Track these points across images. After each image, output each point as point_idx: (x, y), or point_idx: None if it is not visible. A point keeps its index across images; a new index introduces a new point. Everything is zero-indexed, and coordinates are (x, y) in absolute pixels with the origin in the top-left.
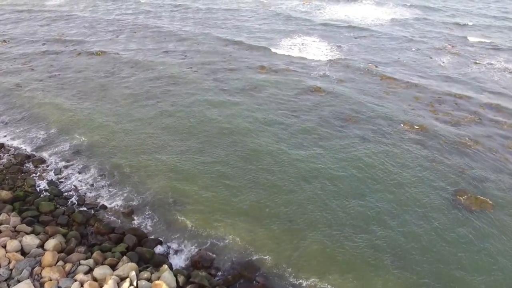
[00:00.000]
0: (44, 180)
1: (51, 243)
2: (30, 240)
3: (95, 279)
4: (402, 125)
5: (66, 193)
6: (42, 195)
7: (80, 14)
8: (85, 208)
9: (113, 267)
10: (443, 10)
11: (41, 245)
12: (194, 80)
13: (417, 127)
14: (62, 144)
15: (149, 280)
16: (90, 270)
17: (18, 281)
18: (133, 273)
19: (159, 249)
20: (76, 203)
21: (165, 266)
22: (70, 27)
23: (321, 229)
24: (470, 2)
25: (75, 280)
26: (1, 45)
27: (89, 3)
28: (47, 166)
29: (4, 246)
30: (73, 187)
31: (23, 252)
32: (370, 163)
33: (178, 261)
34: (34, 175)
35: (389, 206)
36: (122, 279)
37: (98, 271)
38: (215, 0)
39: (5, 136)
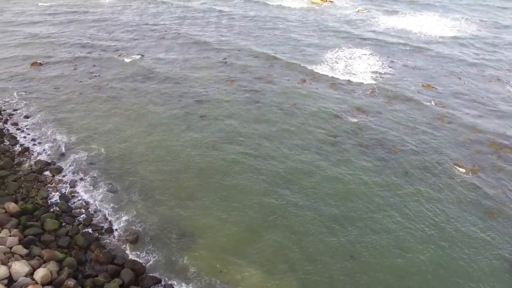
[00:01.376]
0: (57, 193)
1: (40, 273)
2: (20, 268)
3: None
4: (454, 164)
5: (75, 210)
6: (51, 210)
7: (128, 18)
8: (90, 230)
9: None
10: None
11: (31, 273)
12: (229, 100)
13: (472, 169)
14: (82, 153)
15: None
16: None
17: None
18: None
19: None
20: (83, 223)
21: None
22: (116, 30)
23: None
24: None
25: None
26: (51, 44)
27: (138, 6)
28: (64, 177)
29: None
30: (83, 203)
31: (11, 279)
32: (414, 210)
33: None
34: (49, 185)
35: (435, 267)
36: None
37: None
38: (264, 7)
39: (32, 140)
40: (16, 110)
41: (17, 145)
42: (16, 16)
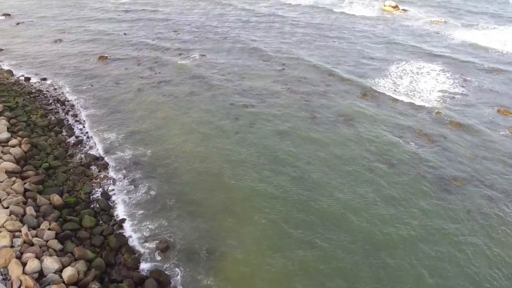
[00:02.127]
0: (100, 189)
1: (67, 272)
2: (50, 264)
3: None
4: None
5: (112, 209)
6: (91, 206)
7: (194, 18)
8: (124, 231)
9: None
10: None
11: (61, 270)
12: (282, 111)
13: None
14: (129, 152)
15: None
16: None
17: None
18: None
19: None
20: (118, 223)
21: None
22: (181, 30)
23: None
24: None
25: None
26: (120, 39)
27: (205, 6)
28: (108, 173)
29: (25, 264)
30: (121, 203)
31: (41, 273)
32: (478, 269)
33: None
34: (94, 180)
35: None
36: None
37: None
38: (331, 14)
39: (87, 132)
40: (78, 101)
41: (73, 137)
42: (93, 12)
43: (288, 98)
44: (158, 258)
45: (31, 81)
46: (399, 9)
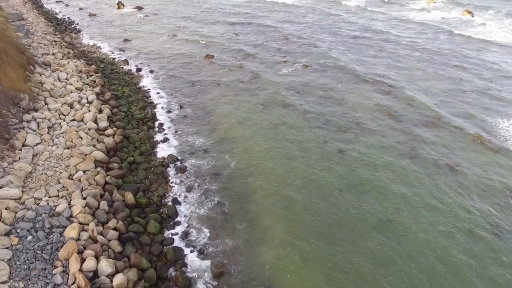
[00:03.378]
0: (173, 194)
1: (117, 279)
2: (105, 267)
3: None
4: None
5: (180, 218)
6: (160, 210)
7: (303, 27)
8: (184, 245)
9: None
10: None
11: (113, 274)
12: (376, 141)
13: None
14: (211, 160)
15: None
16: None
17: None
18: None
19: None
20: (180, 235)
21: None
22: (289, 36)
23: None
24: None
25: None
26: (228, 41)
27: (317, 16)
28: (186, 178)
29: (83, 261)
30: (189, 214)
31: (95, 273)
32: None
33: None
34: (170, 184)
35: None
36: None
37: None
38: (456, 37)
39: (175, 131)
40: (176, 97)
41: (162, 133)
42: (209, 12)
43: (386, 134)
44: (210, 282)
45: (141, 72)
46: None
